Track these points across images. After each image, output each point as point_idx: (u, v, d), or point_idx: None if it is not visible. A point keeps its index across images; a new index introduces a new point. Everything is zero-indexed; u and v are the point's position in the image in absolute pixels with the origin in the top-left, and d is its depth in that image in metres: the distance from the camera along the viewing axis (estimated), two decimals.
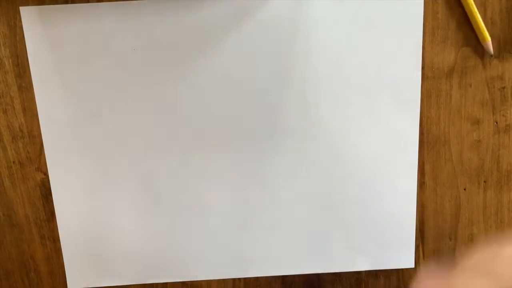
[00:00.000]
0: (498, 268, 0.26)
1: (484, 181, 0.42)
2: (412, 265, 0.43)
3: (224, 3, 0.37)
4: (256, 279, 0.44)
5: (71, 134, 0.40)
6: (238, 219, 0.42)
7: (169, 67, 0.38)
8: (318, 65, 0.39)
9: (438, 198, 0.42)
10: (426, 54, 0.39)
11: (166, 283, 0.43)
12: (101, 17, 0.37)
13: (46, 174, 0.40)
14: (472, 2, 0.38)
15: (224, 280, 0.44)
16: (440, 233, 0.43)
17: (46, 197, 0.41)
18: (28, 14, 0.37)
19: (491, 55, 0.39)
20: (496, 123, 0.41)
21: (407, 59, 0.39)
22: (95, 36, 0.38)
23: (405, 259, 0.43)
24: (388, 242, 0.43)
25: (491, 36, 0.39)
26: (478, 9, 0.38)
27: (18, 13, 0.37)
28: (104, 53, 0.38)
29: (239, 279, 0.44)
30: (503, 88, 0.40)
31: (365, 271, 0.44)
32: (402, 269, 0.44)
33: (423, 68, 0.39)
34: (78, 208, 0.41)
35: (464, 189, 0.42)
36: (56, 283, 0.43)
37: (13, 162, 0.40)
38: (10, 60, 0.38)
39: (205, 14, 0.37)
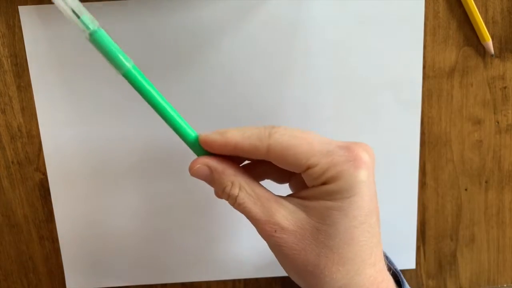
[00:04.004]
0: None
1: (486, 182, 0.42)
2: (413, 266, 0.43)
3: (224, 3, 0.37)
4: (256, 280, 0.43)
5: (70, 134, 0.39)
6: (238, 219, 0.42)
7: (169, 67, 0.38)
8: (318, 65, 0.38)
9: (439, 199, 0.42)
10: (427, 54, 0.39)
11: (165, 284, 0.43)
12: (100, 16, 0.37)
13: (45, 174, 0.40)
14: (473, 2, 0.38)
15: (224, 281, 0.43)
16: (441, 234, 0.43)
17: (45, 197, 0.41)
18: (27, 14, 0.37)
19: (492, 55, 0.39)
20: (498, 123, 0.40)
21: (408, 58, 0.39)
22: None
23: (406, 260, 0.43)
24: (388, 242, 0.42)
25: (492, 35, 0.38)
26: (479, 8, 0.38)
27: (17, 12, 0.37)
28: None
29: (239, 280, 0.43)
30: (505, 88, 0.40)
31: None
32: (403, 270, 0.43)
33: (424, 67, 0.39)
34: (77, 209, 0.41)
35: (466, 190, 0.42)
36: (55, 284, 0.43)
37: (12, 162, 0.40)
38: (9, 60, 0.38)
39: (205, 14, 0.37)
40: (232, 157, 0.28)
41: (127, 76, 0.27)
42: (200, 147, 0.28)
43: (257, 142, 0.26)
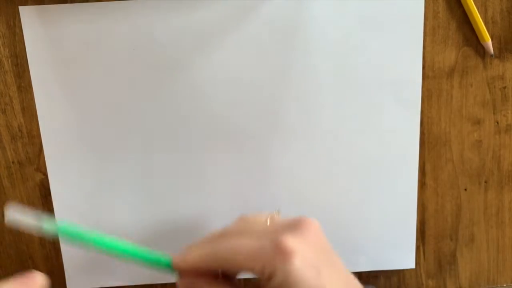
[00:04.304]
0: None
1: (485, 181, 0.42)
2: (412, 266, 0.43)
3: (224, 3, 0.37)
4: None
5: (71, 134, 0.39)
6: None
7: (169, 67, 0.38)
8: (318, 65, 0.39)
9: (439, 199, 0.42)
10: (426, 54, 0.39)
11: (165, 284, 0.43)
12: (100, 16, 0.37)
13: (45, 174, 0.40)
14: (472, 2, 0.38)
15: None
16: (440, 234, 0.43)
17: (45, 197, 0.41)
18: (27, 14, 0.37)
19: (492, 55, 0.39)
20: (497, 123, 0.40)
21: (408, 58, 0.39)
22: (94, 36, 0.37)
23: (406, 260, 0.43)
24: (388, 242, 0.42)
25: (491, 35, 0.38)
26: (478, 9, 0.38)
27: (17, 12, 0.37)
28: (104, 53, 0.38)
29: (239, 280, 0.43)
30: (504, 88, 0.40)
31: (365, 272, 0.43)
32: (403, 270, 0.43)
33: (423, 67, 0.39)
34: (77, 209, 0.41)
35: (465, 190, 0.42)
36: (55, 284, 0.43)
37: (12, 162, 0.40)
38: (9, 60, 0.38)
39: (205, 14, 0.37)
40: None
41: (96, 248, 0.28)
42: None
43: (209, 263, 0.28)
